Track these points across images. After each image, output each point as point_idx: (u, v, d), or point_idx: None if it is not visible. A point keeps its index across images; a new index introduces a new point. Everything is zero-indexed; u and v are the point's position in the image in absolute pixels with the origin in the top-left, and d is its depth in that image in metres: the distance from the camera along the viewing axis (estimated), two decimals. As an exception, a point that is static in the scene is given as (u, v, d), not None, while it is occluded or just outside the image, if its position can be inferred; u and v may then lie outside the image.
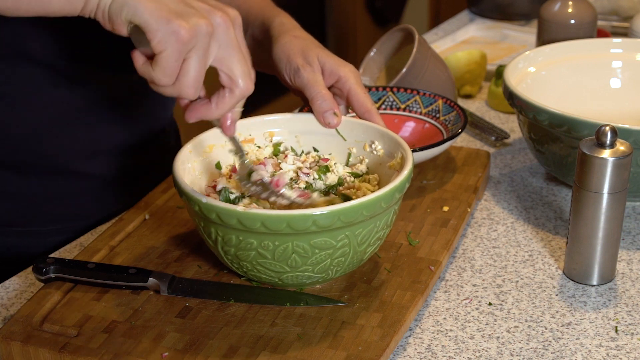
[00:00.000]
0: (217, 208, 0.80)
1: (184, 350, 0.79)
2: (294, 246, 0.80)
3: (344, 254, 0.83)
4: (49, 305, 0.85)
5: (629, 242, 1.02)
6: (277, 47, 0.98)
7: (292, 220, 0.78)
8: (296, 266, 0.82)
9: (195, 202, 0.81)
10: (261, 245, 0.80)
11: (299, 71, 0.95)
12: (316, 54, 0.97)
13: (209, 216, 0.80)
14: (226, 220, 0.79)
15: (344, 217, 0.79)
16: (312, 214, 0.78)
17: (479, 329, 0.87)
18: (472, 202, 1.04)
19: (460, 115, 1.10)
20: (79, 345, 0.80)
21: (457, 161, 1.12)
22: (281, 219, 0.78)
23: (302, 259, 0.81)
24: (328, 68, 0.96)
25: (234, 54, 0.76)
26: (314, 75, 0.95)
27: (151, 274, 0.87)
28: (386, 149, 0.94)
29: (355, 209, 0.79)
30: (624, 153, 0.88)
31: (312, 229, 0.79)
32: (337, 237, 0.81)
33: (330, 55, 0.98)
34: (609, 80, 1.24)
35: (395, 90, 1.16)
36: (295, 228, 0.78)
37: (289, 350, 0.79)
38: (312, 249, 0.81)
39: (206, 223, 0.82)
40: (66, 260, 0.89)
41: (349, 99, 0.97)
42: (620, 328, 0.87)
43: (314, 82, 0.95)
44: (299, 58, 0.96)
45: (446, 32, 1.74)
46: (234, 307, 0.85)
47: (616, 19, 1.69)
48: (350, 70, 0.97)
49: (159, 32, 0.72)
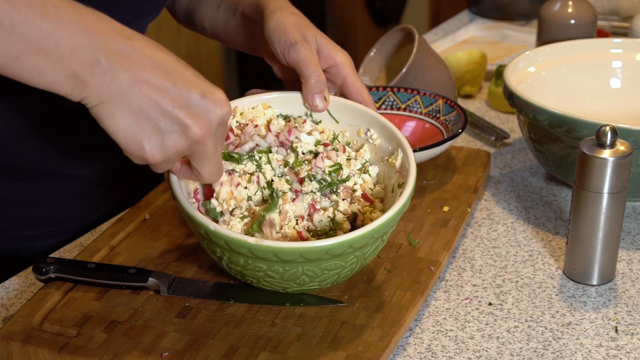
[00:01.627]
0: (226, 237, 0.78)
1: (184, 350, 0.79)
2: (304, 270, 0.80)
3: (352, 270, 0.83)
4: (49, 305, 0.85)
5: (629, 242, 1.02)
6: (272, 21, 0.93)
7: (305, 252, 0.77)
8: (304, 284, 0.82)
9: (202, 227, 0.79)
10: (271, 269, 0.80)
11: (295, 45, 0.91)
12: (314, 34, 0.93)
13: (218, 242, 0.79)
14: (237, 249, 0.78)
15: (356, 244, 0.79)
16: (325, 246, 0.77)
17: (479, 329, 0.87)
18: (472, 202, 1.04)
19: (460, 115, 1.10)
20: (78, 345, 0.80)
21: (457, 161, 1.12)
22: (294, 252, 0.77)
23: (310, 278, 0.81)
24: (325, 51, 0.93)
25: (205, 161, 0.77)
26: (311, 52, 0.91)
27: (151, 274, 0.87)
28: (383, 139, 0.91)
29: (366, 236, 0.79)
30: (624, 153, 0.88)
31: (325, 257, 0.78)
32: (347, 260, 0.81)
33: (327, 38, 0.94)
34: (609, 80, 1.24)
35: (396, 90, 1.16)
36: (308, 258, 0.78)
37: (288, 351, 0.79)
38: (322, 271, 0.81)
39: (212, 244, 0.81)
40: (66, 260, 0.89)
41: (345, 86, 0.94)
42: (620, 328, 0.87)
43: (311, 59, 0.91)
44: (296, 33, 0.92)
45: (446, 32, 1.74)
46: (234, 307, 0.85)
47: (616, 19, 1.69)
48: (347, 57, 0.94)
49: (129, 152, 0.74)
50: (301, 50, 0.90)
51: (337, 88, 0.95)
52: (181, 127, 0.73)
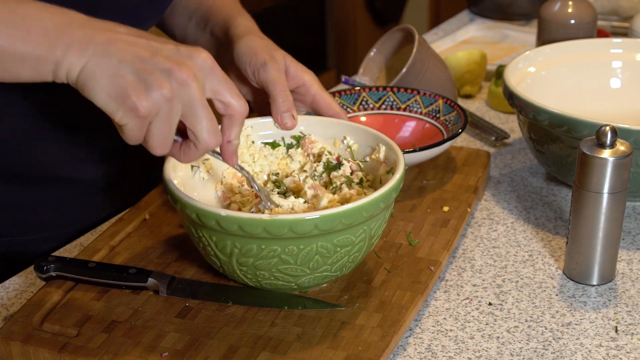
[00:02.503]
0: (240, 220, 0.78)
1: (184, 351, 0.79)
2: (317, 248, 0.80)
3: (360, 250, 0.84)
4: (49, 305, 0.85)
5: (629, 242, 1.02)
6: (242, 44, 0.98)
7: (320, 222, 0.78)
8: (317, 267, 0.82)
9: (212, 217, 0.79)
10: (285, 251, 0.80)
11: (265, 66, 0.95)
12: (282, 55, 0.98)
13: (230, 229, 0.78)
14: (250, 230, 0.78)
15: (366, 212, 0.80)
16: (339, 212, 0.78)
17: (479, 329, 0.87)
18: (472, 202, 1.04)
19: (460, 115, 1.10)
20: (78, 345, 0.80)
21: (457, 161, 1.12)
22: (309, 222, 0.78)
23: (324, 259, 0.81)
24: (292, 72, 0.98)
25: (196, 112, 0.75)
26: (279, 73, 0.96)
27: (151, 274, 0.87)
28: (361, 142, 0.95)
29: (375, 202, 0.80)
30: (624, 153, 0.88)
31: (339, 227, 0.79)
32: (357, 233, 0.81)
33: (295, 60, 0.99)
34: (609, 80, 1.24)
35: (396, 90, 1.16)
36: (323, 229, 0.78)
37: (288, 351, 0.79)
38: (335, 248, 0.81)
39: (221, 237, 0.80)
40: (67, 259, 0.89)
41: (316, 103, 0.98)
42: (620, 328, 0.87)
43: (279, 79, 0.95)
44: (266, 54, 0.96)
45: (446, 32, 1.74)
46: (234, 307, 0.85)
47: (616, 19, 1.69)
48: (314, 76, 0.99)
49: (118, 111, 0.73)
50: (270, 70, 0.95)
51: (307, 106, 1.00)
52: (163, 71, 0.72)
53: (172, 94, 0.72)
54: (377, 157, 0.93)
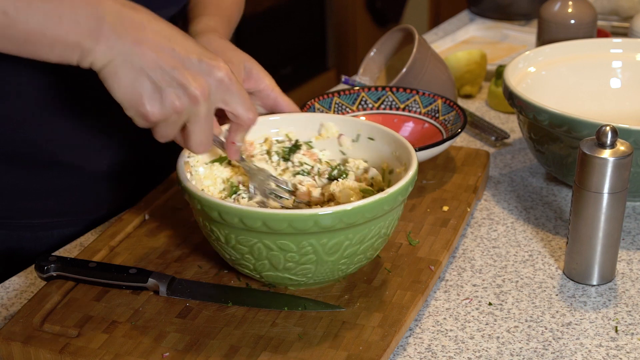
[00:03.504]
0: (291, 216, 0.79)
1: (185, 351, 0.79)
2: (346, 239, 0.82)
3: (378, 239, 0.85)
4: (49, 306, 0.85)
5: (629, 242, 1.02)
6: (201, 42, 0.98)
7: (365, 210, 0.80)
8: (348, 255, 0.84)
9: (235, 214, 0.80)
10: (319, 242, 0.81)
11: None
12: (242, 58, 0.99)
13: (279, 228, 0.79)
14: (274, 226, 0.79)
15: (387, 206, 0.82)
16: (360, 205, 0.80)
17: (479, 329, 0.87)
18: (472, 202, 1.04)
19: (459, 115, 1.10)
20: (79, 345, 0.80)
21: (456, 161, 1.12)
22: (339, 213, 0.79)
23: (354, 248, 0.83)
24: (255, 75, 0.99)
25: (196, 126, 0.81)
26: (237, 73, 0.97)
27: (151, 275, 0.87)
28: (341, 126, 0.97)
29: (394, 195, 0.82)
30: (624, 153, 0.88)
31: (361, 220, 0.81)
32: (378, 225, 0.83)
33: (256, 62, 1.00)
34: (609, 80, 1.24)
35: (395, 90, 1.16)
36: (347, 222, 0.80)
37: (289, 351, 0.79)
38: (364, 237, 0.83)
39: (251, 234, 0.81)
40: (67, 259, 0.89)
41: (278, 105, 1.00)
42: (620, 328, 0.87)
43: None
44: (223, 55, 0.97)
45: (446, 32, 1.74)
46: (234, 307, 0.85)
47: (616, 19, 1.69)
48: (272, 80, 1.01)
49: (130, 111, 0.79)
50: None
51: (268, 108, 1.02)
52: (179, 85, 0.78)
53: (182, 108, 0.79)
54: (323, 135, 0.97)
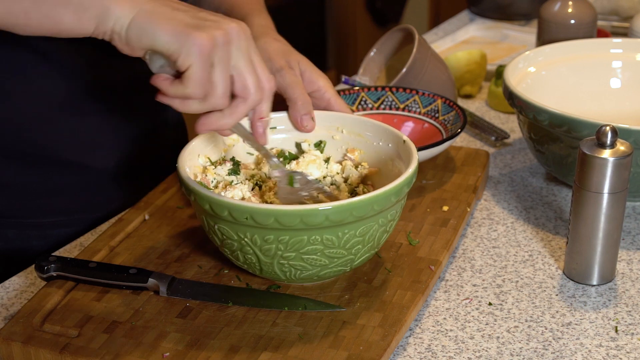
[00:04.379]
0: (299, 212, 0.79)
1: (185, 351, 0.79)
2: (357, 233, 0.82)
3: (381, 231, 0.86)
4: (50, 306, 0.85)
5: (629, 242, 1.02)
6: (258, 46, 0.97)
7: (355, 209, 0.80)
8: (355, 249, 0.84)
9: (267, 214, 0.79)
10: (323, 240, 0.82)
11: (281, 71, 0.97)
12: (297, 60, 0.99)
13: (291, 224, 0.79)
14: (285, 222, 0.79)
15: (394, 197, 0.82)
16: (371, 197, 0.80)
17: (479, 329, 0.87)
18: (472, 202, 1.04)
19: (459, 114, 1.10)
20: (79, 345, 0.80)
21: (456, 161, 1.12)
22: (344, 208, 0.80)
23: (361, 241, 0.84)
24: (307, 76, 0.99)
25: (247, 64, 0.79)
26: (296, 77, 0.97)
27: (151, 275, 0.87)
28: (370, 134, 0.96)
29: (400, 187, 0.82)
30: (624, 153, 0.88)
31: (370, 213, 0.81)
32: (387, 215, 0.84)
33: (310, 63, 1.00)
34: (609, 80, 1.24)
35: (395, 90, 1.16)
36: (358, 215, 0.80)
37: (290, 350, 0.79)
38: (370, 229, 0.83)
39: (260, 231, 0.81)
40: (68, 259, 0.89)
41: (330, 108, 1.00)
42: (620, 328, 0.87)
43: (297, 83, 0.96)
44: (281, 59, 0.98)
45: (446, 32, 1.74)
46: (235, 307, 0.85)
47: (616, 19, 1.69)
48: (328, 81, 1.00)
49: (182, 48, 0.75)
50: (287, 76, 0.96)
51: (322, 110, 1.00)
52: (213, 21, 0.77)
53: (229, 39, 0.76)
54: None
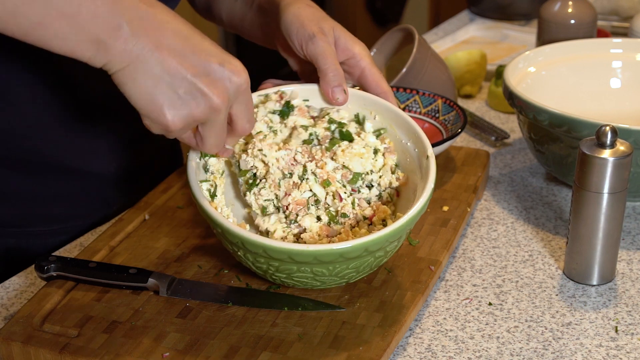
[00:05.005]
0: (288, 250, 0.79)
1: (185, 351, 0.79)
2: (348, 267, 0.82)
3: (378, 262, 0.85)
4: (50, 306, 0.85)
5: (629, 242, 1.02)
6: (289, 13, 0.93)
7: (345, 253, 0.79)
8: (345, 275, 0.83)
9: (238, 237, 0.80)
10: (313, 271, 0.81)
11: (314, 38, 0.91)
12: (331, 26, 0.93)
13: (280, 258, 0.79)
14: (275, 256, 0.80)
15: (391, 238, 0.81)
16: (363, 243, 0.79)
17: (479, 329, 0.87)
18: (472, 202, 1.04)
19: (459, 115, 1.10)
20: (79, 345, 0.80)
21: (456, 161, 1.12)
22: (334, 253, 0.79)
23: (354, 272, 0.83)
24: (342, 43, 0.93)
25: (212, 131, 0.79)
26: (329, 46, 0.91)
27: (151, 275, 0.87)
28: (402, 134, 0.92)
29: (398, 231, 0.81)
30: (624, 153, 0.88)
31: (364, 254, 0.80)
32: (387, 249, 0.83)
33: (344, 30, 0.94)
34: (609, 80, 1.24)
35: (395, 89, 1.16)
36: (347, 257, 0.79)
37: (289, 351, 0.79)
38: (363, 263, 0.82)
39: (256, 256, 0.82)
40: (68, 259, 0.89)
41: (363, 77, 0.94)
42: (620, 328, 0.87)
43: (329, 52, 0.91)
44: (314, 26, 0.92)
45: (446, 32, 1.74)
46: (234, 307, 0.85)
47: (616, 19, 1.69)
48: (364, 49, 0.94)
49: (148, 118, 0.75)
50: (319, 43, 0.90)
51: (355, 80, 0.95)
52: (201, 94, 0.75)
53: (203, 117, 0.76)
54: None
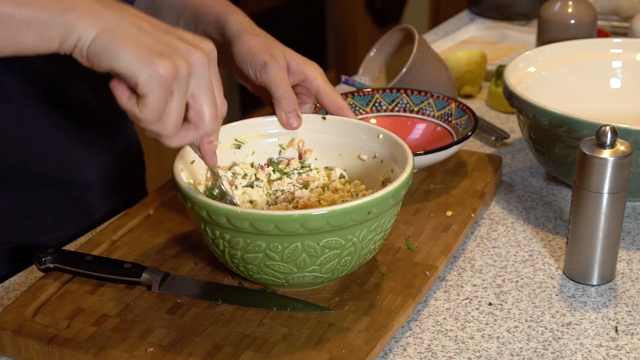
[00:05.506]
0: (226, 211, 0.78)
1: (169, 347, 0.79)
2: (304, 246, 0.79)
3: (350, 255, 0.82)
4: (44, 297, 0.85)
5: (629, 242, 1.01)
6: (240, 45, 0.96)
7: (306, 220, 0.77)
8: (304, 267, 0.81)
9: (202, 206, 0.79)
10: (270, 247, 0.79)
11: (266, 66, 0.94)
12: (282, 51, 0.96)
13: (219, 221, 0.79)
14: (237, 224, 0.78)
15: (355, 215, 0.78)
16: (325, 212, 0.77)
17: (479, 329, 0.87)
18: (478, 208, 1.02)
19: (470, 119, 1.09)
20: (67, 337, 0.80)
21: (468, 165, 1.11)
22: (294, 219, 0.77)
23: (311, 259, 0.81)
24: (294, 67, 0.96)
25: (207, 94, 0.75)
26: (281, 72, 0.95)
27: (145, 270, 0.87)
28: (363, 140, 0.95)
29: (363, 206, 0.79)
30: (624, 153, 0.88)
31: (326, 228, 0.78)
32: (346, 237, 0.80)
33: (295, 53, 0.98)
34: (609, 80, 1.24)
35: (410, 92, 1.15)
36: (309, 228, 0.77)
37: (272, 351, 0.78)
38: (322, 249, 0.80)
39: (212, 227, 0.81)
40: (65, 252, 0.89)
41: (319, 96, 0.97)
42: (620, 328, 0.87)
43: (281, 79, 0.94)
44: (265, 54, 0.95)
45: (446, 32, 1.73)
46: (224, 305, 0.85)
47: (616, 19, 1.69)
48: (316, 69, 0.97)
49: (143, 75, 0.71)
50: (272, 71, 0.94)
51: (313, 99, 0.99)
52: (181, 49, 0.73)
53: (190, 70, 0.73)
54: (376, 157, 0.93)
